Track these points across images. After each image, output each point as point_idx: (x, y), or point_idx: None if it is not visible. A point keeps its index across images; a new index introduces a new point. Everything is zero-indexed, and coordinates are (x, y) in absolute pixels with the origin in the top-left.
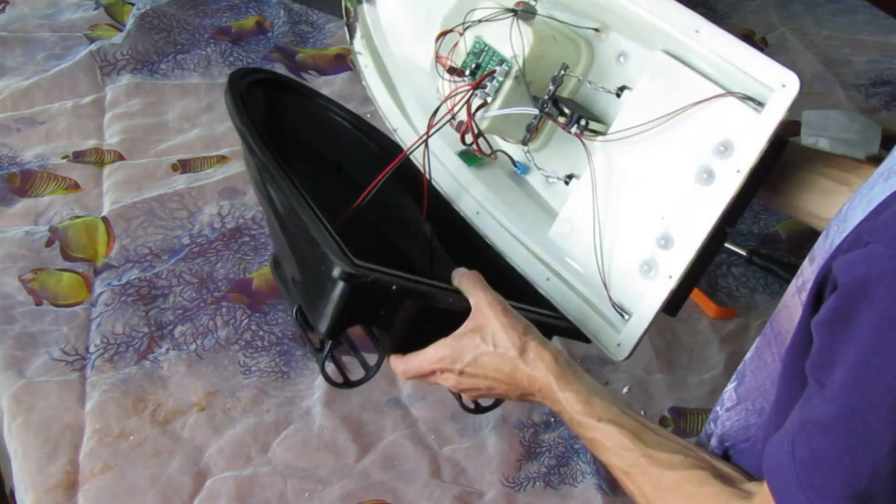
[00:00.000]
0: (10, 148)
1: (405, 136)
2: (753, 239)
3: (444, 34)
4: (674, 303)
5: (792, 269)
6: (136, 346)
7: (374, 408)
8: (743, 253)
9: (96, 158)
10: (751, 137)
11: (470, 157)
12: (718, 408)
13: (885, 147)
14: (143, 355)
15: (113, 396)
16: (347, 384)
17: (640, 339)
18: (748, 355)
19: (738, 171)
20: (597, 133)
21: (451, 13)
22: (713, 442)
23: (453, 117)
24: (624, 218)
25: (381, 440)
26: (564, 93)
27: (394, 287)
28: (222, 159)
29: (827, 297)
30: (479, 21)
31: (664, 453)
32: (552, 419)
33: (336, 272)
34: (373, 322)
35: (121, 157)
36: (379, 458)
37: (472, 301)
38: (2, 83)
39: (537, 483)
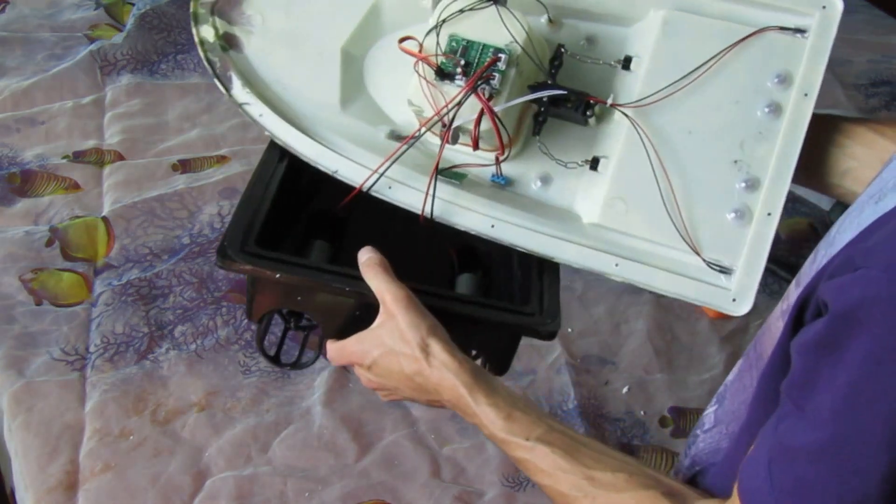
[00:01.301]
0: (10, 148)
1: (351, 173)
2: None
3: (403, 40)
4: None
5: (792, 269)
6: (136, 345)
7: (374, 408)
8: None
9: (96, 158)
10: (809, 60)
11: (453, 174)
12: (698, 430)
13: None
14: (143, 355)
15: (113, 396)
16: (286, 364)
17: (758, 285)
18: (730, 377)
19: (807, 95)
20: (601, 108)
21: (353, 37)
22: (686, 463)
23: (447, 127)
24: (691, 176)
25: (381, 440)
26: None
27: (277, 276)
28: (222, 159)
29: (808, 320)
30: (459, 13)
31: (607, 473)
32: None
33: (217, 259)
34: (296, 307)
35: (121, 157)
36: (379, 458)
37: (375, 293)
38: (2, 83)
39: None
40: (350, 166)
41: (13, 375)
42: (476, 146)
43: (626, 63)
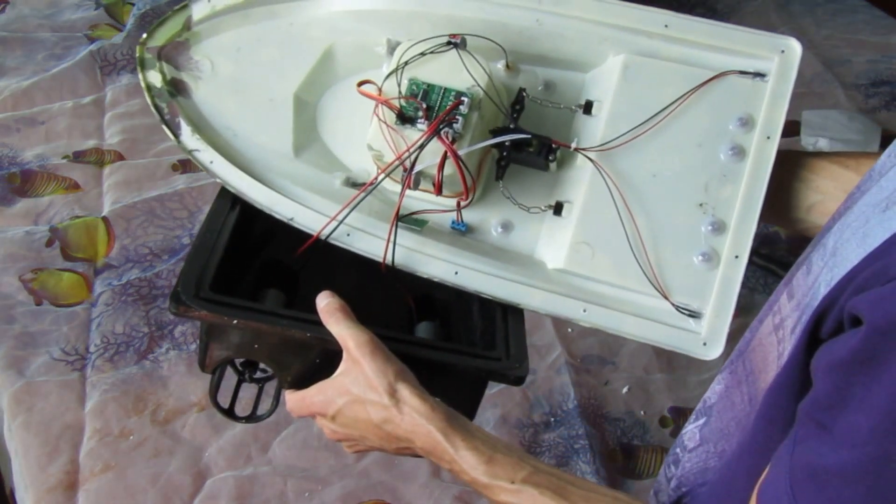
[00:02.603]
0: (10, 148)
1: (307, 220)
2: (753, 239)
3: (362, 83)
4: None
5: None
6: (136, 345)
7: None
8: None
9: (96, 158)
10: (770, 104)
11: (413, 220)
12: (678, 449)
13: (885, 147)
14: (143, 355)
15: (113, 396)
16: (241, 417)
17: (728, 328)
18: (714, 394)
19: (769, 138)
20: (562, 152)
21: (305, 84)
22: (672, 484)
23: (409, 171)
24: (656, 220)
25: None
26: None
27: (234, 322)
28: None
29: (825, 335)
30: (420, 55)
31: None
32: (552, 419)
33: (170, 306)
34: (251, 356)
35: (121, 157)
36: (379, 458)
37: (338, 339)
38: (2, 83)
39: None
40: (306, 213)
41: (13, 375)
42: (439, 191)
43: (588, 108)
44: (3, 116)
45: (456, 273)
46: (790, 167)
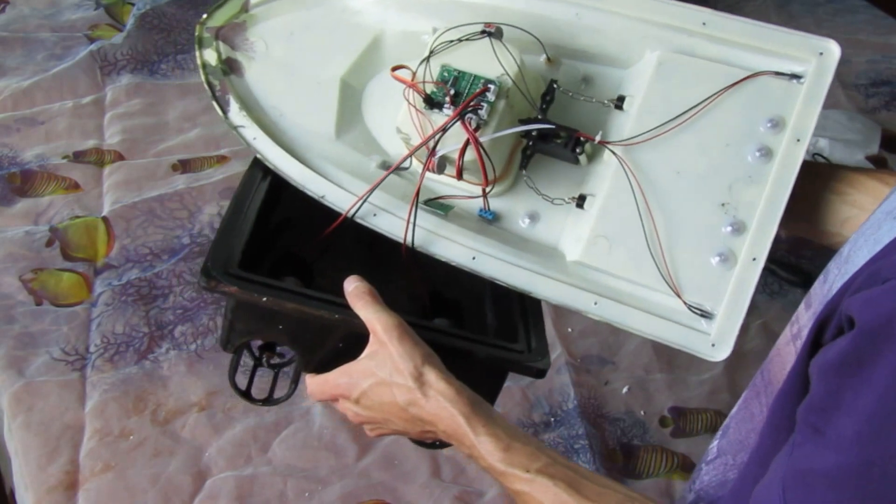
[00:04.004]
0: (10, 148)
1: (337, 199)
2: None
3: (396, 68)
4: None
5: (792, 270)
6: (136, 345)
7: None
8: None
9: (96, 158)
10: (803, 106)
11: (438, 205)
12: (703, 464)
13: (885, 147)
14: (143, 355)
15: (113, 396)
16: (257, 400)
17: (738, 331)
18: (734, 409)
19: (799, 140)
20: (592, 146)
21: (353, 69)
22: (690, 498)
23: (432, 154)
24: (677, 217)
25: (381, 440)
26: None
27: (264, 299)
28: (222, 159)
29: (828, 340)
30: (451, 43)
31: None
32: (552, 419)
33: (200, 280)
34: (274, 337)
35: (121, 157)
36: (379, 458)
37: (366, 323)
38: (2, 83)
39: None
40: (337, 192)
41: (13, 375)
42: (460, 176)
43: (620, 103)
44: (3, 116)
45: (473, 258)
46: (827, 180)
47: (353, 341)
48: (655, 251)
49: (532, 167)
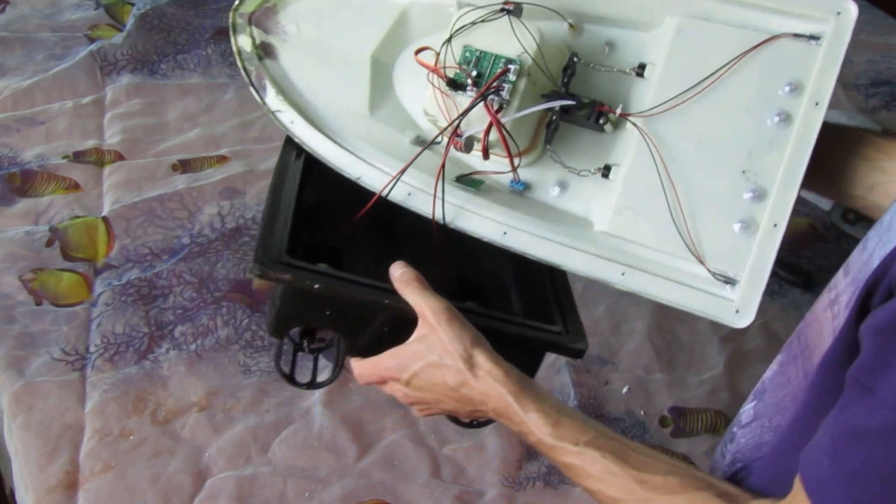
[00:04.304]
0: (10, 148)
1: (373, 181)
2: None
3: (420, 51)
4: None
5: (792, 269)
6: (136, 346)
7: (374, 408)
8: None
9: (96, 158)
10: (821, 68)
11: (469, 181)
12: (735, 427)
13: None
14: (143, 355)
15: (113, 396)
16: (299, 383)
17: (761, 297)
18: (769, 373)
19: (818, 104)
20: (615, 117)
21: (382, 45)
22: (727, 459)
23: (458, 135)
24: (698, 185)
25: (381, 440)
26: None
27: (316, 286)
28: (222, 159)
29: (876, 304)
30: (472, 24)
31: (658, 476)
32: None
33: (253, 268)
34: (321, 323)
35: (121, 157)
36: (379, 458)
37: (414, 308)
38: (2, 83)
39: (537, 483)
40: (372, 173)
41: (13, 375)
42: (486, 156)
43: (641, 70)
44: (3, 116)
45: (504, 233)
46: (855, 144)
47: (397, 325)
48: (679, 220)
49: (558, 139)
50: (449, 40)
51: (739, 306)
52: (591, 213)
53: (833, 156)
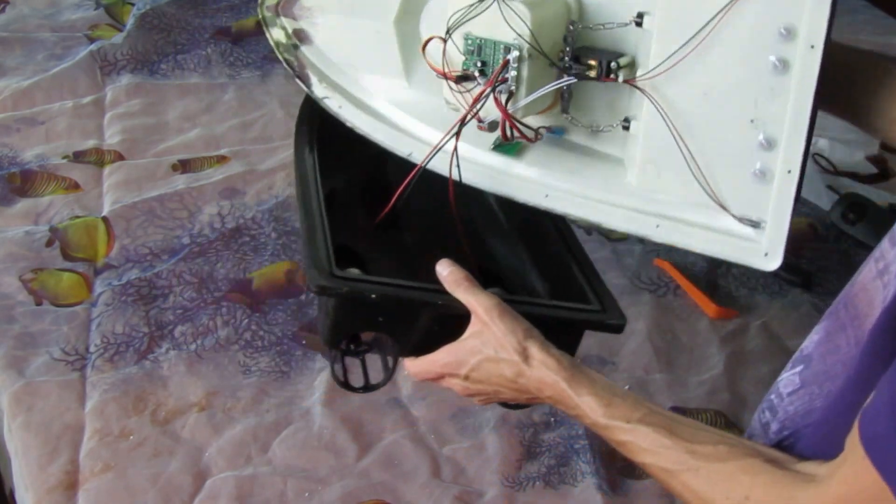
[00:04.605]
0: (10, 148)
1: (422, 154)
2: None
3: (427, 43)
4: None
5: (792, 269)
6: (136, 346)
7: (374, 408)
8: None
9: (96, 158)
10: (811, 9)
11: (506, 147)
12: (773, 396)
13: (885, 147)
14: (143, 355)
15: (113, 396)
16: (355, 388)
17: (786, 240)
18: (813, 341)
19: (813, 47)
20: (632, 70)
21: (402, 9)
22: (774, 427)
23: (480, 121)
24: (711, 138)
25: (381, 440)
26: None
27: (373, 296)
28: (222, 159)
29: None
30: (462, 15)
31: (707, 446)
32: (552, 419)
33: (312, 285)
34: (374, 328)
35: (121, 157)
36: (379, 458)
37: (466, 305)
38: (2, 83)
39: (537, 483)
40: (421, 148)
41: (13, 375)
42: (506, 138)
43: (640, 20)
44: (3, 116)
45: (546, 196)
46: (880, 75)
47: (446, 322)
48: (697, 172)
49: (575, 100)
50: (447, 38)
51: (767, 249)
52: (624, 155)
53: (855, 87)
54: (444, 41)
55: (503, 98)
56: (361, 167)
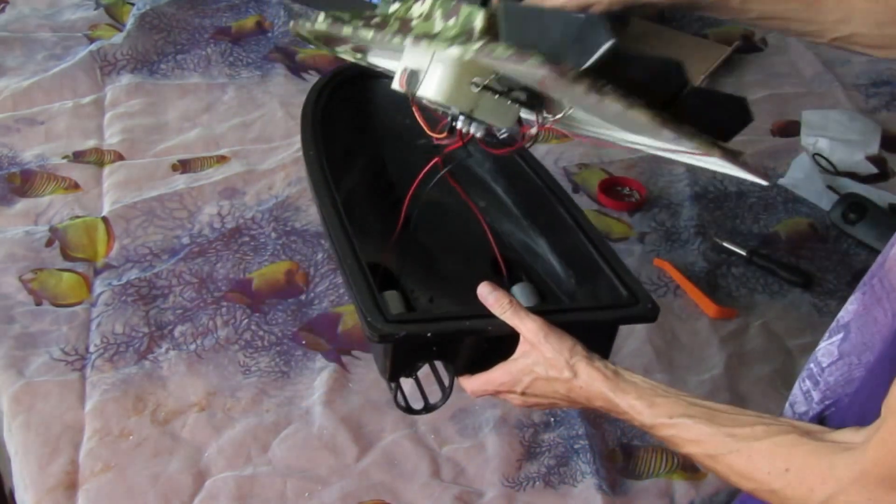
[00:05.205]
0: (10, 148)
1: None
2: (753, 239)
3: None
4: None
5: (792, 270)
6: (136, 346)
7: (374, 408)
8: (743, 253)
9: (96, 158)
10: None
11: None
12: (812, 365)
13: (885, 147)
14: (143, 355)
15: (113, 396)
16: (416, 410)
17: None
18: (848, 314)
19: None
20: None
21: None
22: (816, 396)
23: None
24: None
25: (381, 440)
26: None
27: (428, 335)
28: (222, 159)
29: None
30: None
31: (745, 428)
32: (552, 419)
33: (372, 335)
34: (430, 358)
35: (121, 157)
36: (379, 458)
37: (516, 328)
38: (2, 83)
39: (537, 483)
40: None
41: (13, 375)
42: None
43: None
44: (3, 116)
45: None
46: None
47: (494, 341)
48: None
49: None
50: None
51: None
52: None
53: None
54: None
55: (482, 132)
56: (364, 167)
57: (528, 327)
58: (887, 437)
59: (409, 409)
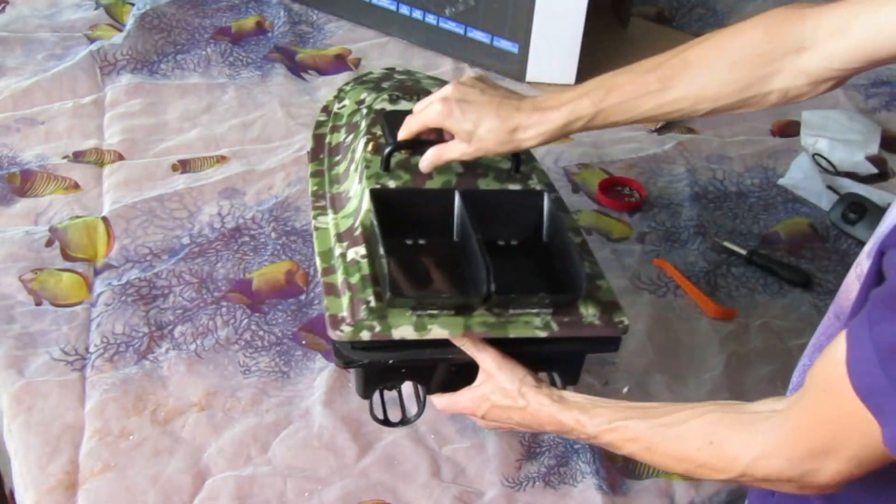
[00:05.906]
0: (10, 148)
1: None
2: (753, 239)
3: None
4: None
5: (792, 269)
6: (136, 346)
7: None
8: (743, 253)
9: (96, 158)
10: None
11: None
12: (807, 360)
13: (885, 147)
14: (143, 355)
15: (113, 396)
16: (393, 423)
17: None
18: (816, 341)
19: None
20: None
21: None
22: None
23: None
24: None
25: (381, 440)
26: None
27: (391, 361)
28: (222, 159)
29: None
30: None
31: (675, 415)
32: None
33: (338, 360)
34: (400, 379)
35: (121, 157)
36: (379, 458)
37: (474, 359)
38: (2, 83)
39: (537, 483)
40: None
41: (13, 375)
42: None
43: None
44: (3, 116)
45: None
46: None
47: (460, 367)
48: None
49: None
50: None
51: None
52: None
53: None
54: None
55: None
56: None
57: (483, 359)
58: (808, 404)
59: (386, 422)
